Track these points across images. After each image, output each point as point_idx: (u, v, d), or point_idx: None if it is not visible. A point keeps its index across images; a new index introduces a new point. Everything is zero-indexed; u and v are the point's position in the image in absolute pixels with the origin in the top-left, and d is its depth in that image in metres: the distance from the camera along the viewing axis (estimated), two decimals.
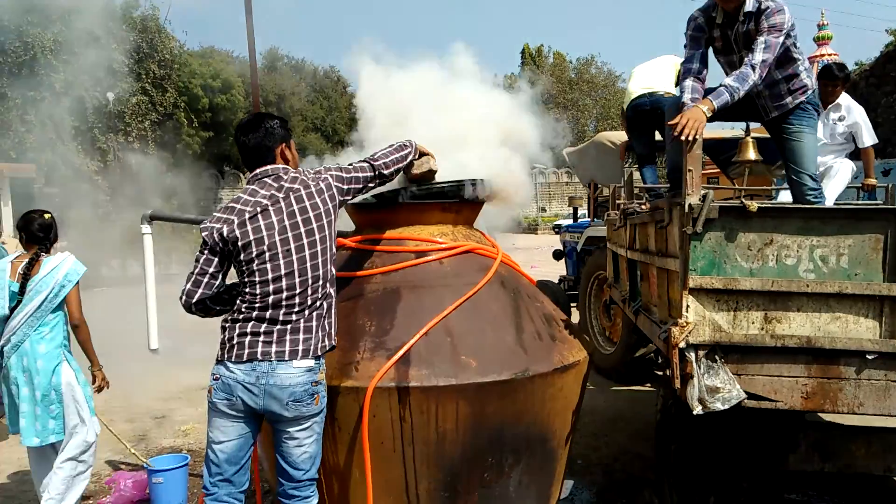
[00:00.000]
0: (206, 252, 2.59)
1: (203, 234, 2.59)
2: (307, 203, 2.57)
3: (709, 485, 3.05)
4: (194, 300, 2.62)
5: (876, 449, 2.89)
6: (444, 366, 2.76)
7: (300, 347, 2.53)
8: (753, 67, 3.01)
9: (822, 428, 3.03)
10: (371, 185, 2.79)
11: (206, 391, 2.64)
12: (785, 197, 4.43)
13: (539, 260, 15.98)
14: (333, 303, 2.68)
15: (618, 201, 4.77)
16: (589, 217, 8.77)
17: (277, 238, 2.54)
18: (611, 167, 7.39)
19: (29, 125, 20.79)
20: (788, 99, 3.34)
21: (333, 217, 2.64)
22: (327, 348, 2.64)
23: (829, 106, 4.87)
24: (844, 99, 4.89)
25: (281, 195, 2.57)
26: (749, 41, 3.18)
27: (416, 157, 2.97)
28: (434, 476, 2.79)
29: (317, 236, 2.57)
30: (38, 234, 3.69)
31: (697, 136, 2.66)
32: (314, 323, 2.57)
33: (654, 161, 5.97)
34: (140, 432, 5.57)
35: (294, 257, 2.53)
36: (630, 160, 7.38)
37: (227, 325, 2.60)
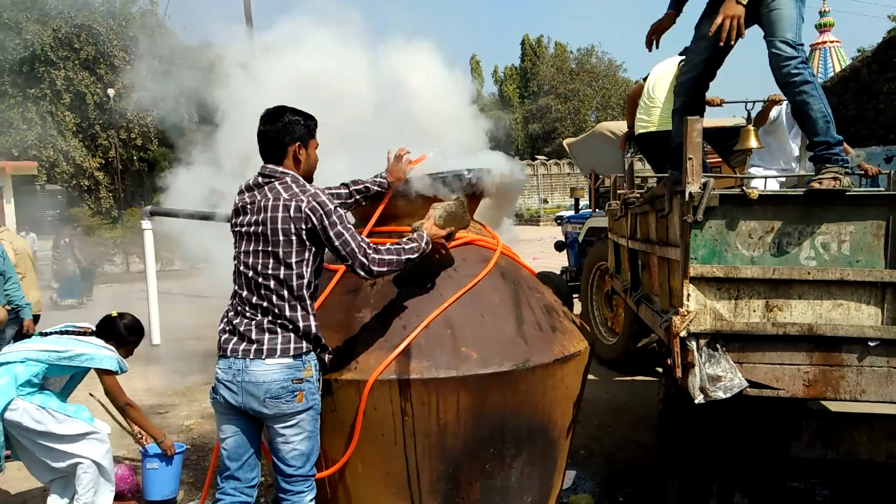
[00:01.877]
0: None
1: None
2: (269, 216, 2.51)
3: (711, 473, 3.04)
4: None
5: (878, 436, 2.88)
6: (445, 358, 2.75)
7: (265, 347, 2.50)
8: None
9: (825, 415, 3.01)
10: (346, 266, 2.59)
11: (208, 387, 2.66)
12: (770, 185, 4.41)
13: (541, 251, 15.95)
14: (310, 319, 2.56)
15: (619, 191, 4.75)
16: (590, 207, 8.76)
17: (243, 247, 2.58)
18: (612, 157, 7.37)
19: (30, 123, 20.79)
20: None
21: (297, 248, 2.51)
22: (303, 350, 2.55)
23: None
24: None
25: (260, 200, 2.55)
26: None
27: (425, 250, 2.71)
28: (436, 468, 2.79)
29: (270, 249, 2.52)
30: (105, 328, 3.69)
31: (741, 35, 2.55)
32: (278, 329, 2.53)
33: None
34: None
35: (249, 269, 2.54)
36: (631, 150, 7.35)
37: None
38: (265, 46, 3.76)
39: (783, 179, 4.90)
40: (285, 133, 2.60)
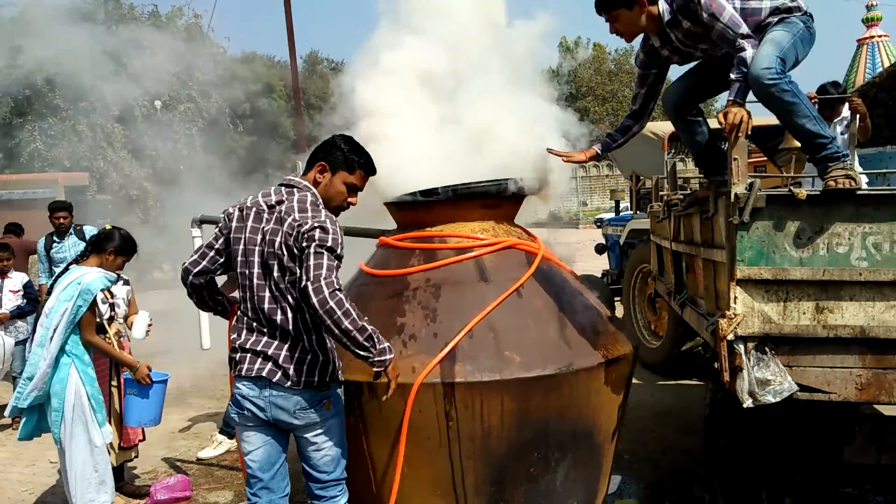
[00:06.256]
0: (218, 227, 2.63)
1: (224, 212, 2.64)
2: (271, 228, 2.47)
3: (760, 479, 2.99)
4: (195, 270, 2.63)
5: None
6: (488, 361, 2.77)
7: (279, 373, 2.46)
8: (741, 47, 2.69)
9: (878, 420, 2.94)
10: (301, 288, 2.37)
11: None
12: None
13: (581, 255, 15.77)
14: (311, 334, 2.50)
15: (661, 193, 4.70)
16: (631, 210, 8.67)
17: (243, 247, 2.53)
18: (653, 158, 7.27)
19: (81, 135, 21.49)
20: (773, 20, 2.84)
21: (293, 265, 2.44)
22: (318, 366, 2.50)
23: (835, 121, 4.83)
24: (846, 111, 4.88)
25: (265, 214, 2.51)
26: (696, 37, 2.89)
27: (377, 365, 2.45)
28: (480, 471, 2.80)
29: (265, 262, 2.48)
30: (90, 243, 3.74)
31: (748, 131, 2.55)
32: (285, 349, 2.48)
33: None
34: (194, 433, 5.70)
35: (249, 280, 2.51)
36: (673, 151, 7.26)
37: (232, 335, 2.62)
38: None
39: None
40: (321, 150, 2.63)
